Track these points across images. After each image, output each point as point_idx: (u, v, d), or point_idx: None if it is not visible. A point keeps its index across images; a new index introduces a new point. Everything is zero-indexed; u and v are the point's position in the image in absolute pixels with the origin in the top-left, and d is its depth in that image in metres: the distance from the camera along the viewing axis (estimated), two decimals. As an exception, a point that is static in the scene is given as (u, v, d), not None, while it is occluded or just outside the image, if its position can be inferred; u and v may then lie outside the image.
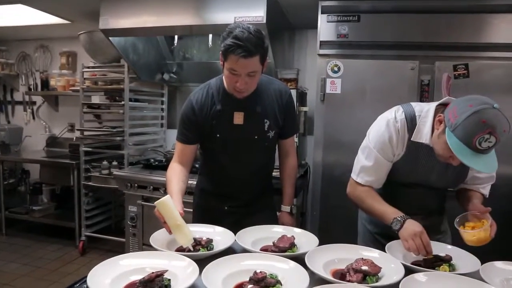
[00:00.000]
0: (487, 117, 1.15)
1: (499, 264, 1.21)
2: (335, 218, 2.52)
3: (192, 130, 1.63)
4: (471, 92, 2.18)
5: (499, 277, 1.14)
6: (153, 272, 1.08)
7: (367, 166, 1.48)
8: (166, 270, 1.11)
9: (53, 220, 3.88)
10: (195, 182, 1.88)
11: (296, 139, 2.73)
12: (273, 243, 1.39)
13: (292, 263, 1.17)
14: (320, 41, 2.43)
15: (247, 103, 1.58)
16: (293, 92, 2.73)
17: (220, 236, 1.44)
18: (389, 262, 1.22)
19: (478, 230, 1.30)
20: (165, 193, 1.61)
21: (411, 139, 1.41)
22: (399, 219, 1.35)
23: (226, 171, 1.68)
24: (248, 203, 1.72)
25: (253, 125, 1.61)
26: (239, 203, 1.71)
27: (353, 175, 1.55)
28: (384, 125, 1.45)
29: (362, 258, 1.20)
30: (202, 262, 1.20)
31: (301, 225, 3.16)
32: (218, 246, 1.36)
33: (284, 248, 1.34)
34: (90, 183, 3.51)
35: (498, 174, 1.48)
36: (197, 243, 1.34)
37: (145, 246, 3.06)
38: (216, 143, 1.62)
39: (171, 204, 1.34)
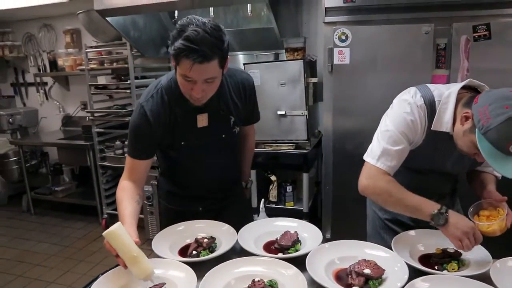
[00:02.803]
0: None
1: (511, 261, 1.14)
2: (349, 192, 2.46)
3: (147, 144, 1.41)
4: (493, 56, 2.01)
5: (511, 277, 1.08)
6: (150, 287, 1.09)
7: (390, 150, 1.31)
8: (164, 283, 1.11)
9: (75, 199, 4.03)
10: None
11: (305, 112, 2.66)
12: (276, 239, 1.37)
13: (293, 270, 1.14)
14: (325, 8, 2.24)
15: (209, 101, 1.37)
16: (301, 63, 2.62)
17: (222, 233, 1.42)
18: (395, 262, 1.17)
19: (493, 223, 1.22)
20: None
21: (431, 128, 1.28)
22: (441, 213, 1.19)
23: (195, 175, 1.54)
24: (221, 199, 1.62)
25: (219, 125, 1.46)
26: (213, 201, 1.60)
27: (371, 161, 1.33)
28: (407, 108, 1.29)
29: (365, 260, 1.16)
30: (204, 264, 1.20)
31: (316, 194, 3.15)
32: (221, 246, 1.35)
33: (287, 246, 1.32)
34: (105, 163, 3.56)
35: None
36: (199, 245, 1.33)
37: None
38: (182, 151, 1.45)
39: (123, 233, 1.13)
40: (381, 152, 1.32)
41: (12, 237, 3.66)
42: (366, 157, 1.37)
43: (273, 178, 2.84)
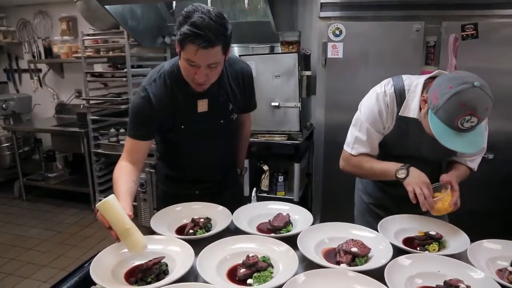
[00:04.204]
0: (466, 99, 1.13)
1: (486, 243, 1.23)
2: (337, 183, 2.55)
3: (148, 126, 1.46)
4: (480, 54, 2.10)
5: (485, 257, 1.17)
6: (150, 260, 1.14)
7: (360, 139, 1.49)
8: (163, 257, 1.17)
9: (68, 186, 4.05)
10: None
11: (299, 104, 2.73)
12: (269, 221, 1.43)
13: (284, 246, 1.22)
14: (321, 3, 2.31)
15: (210, 87, 1.45)
16: (295, 56, 2.68)
17: (217, 214, 1.49)
18: (380, 242, 1.25)
19: (436, 199, 1.32)
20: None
21: (399, 113, 1.41)
22: (403, 167, 1.37)
23: (193, 159, 1.60)
24: (217, 184, 1.67)
25: (218, 110, 1.52)
26: (209, 185, 1.65)
27: (347, 148, 1.55)
28: (374, 99, 1.45)
29: (353, 239, 1.24)
30: (200, 243, 1.25)
31: (307, 185, 3.23)
32: (216, 226, 1.42)
33: (279, 227, 1.39)
34: (99, 151, 3.59)
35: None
36: (195, 224, 1.40)
37: (155, 210, 3.20)
38: (181, 134, 1.51)
39: (116, 205, 1.13)
40: (353, 141, 1.52)
41: (4, 222, 3.68)
42: (344, 145, 1.57)
43: (265, 167, 2.91)
